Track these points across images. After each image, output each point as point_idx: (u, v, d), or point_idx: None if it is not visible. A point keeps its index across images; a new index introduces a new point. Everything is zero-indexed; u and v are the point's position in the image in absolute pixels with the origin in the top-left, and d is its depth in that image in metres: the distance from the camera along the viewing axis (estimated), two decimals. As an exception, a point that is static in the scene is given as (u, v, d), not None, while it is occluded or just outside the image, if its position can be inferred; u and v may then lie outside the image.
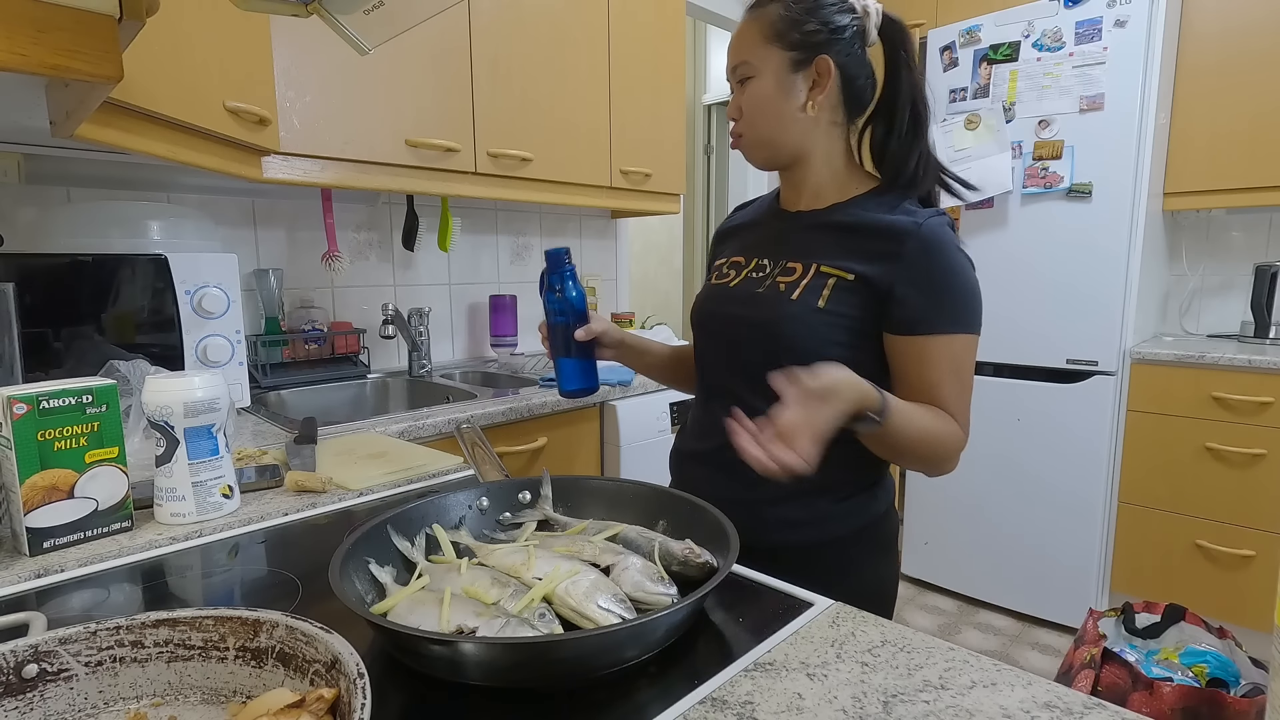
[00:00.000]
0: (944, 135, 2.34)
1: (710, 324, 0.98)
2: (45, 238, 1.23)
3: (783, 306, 0.87)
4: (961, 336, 0.84)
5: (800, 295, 0.87)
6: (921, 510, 2.55)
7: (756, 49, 0.89)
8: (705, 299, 1.00)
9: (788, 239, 0.94)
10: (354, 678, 0.39)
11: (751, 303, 0.91)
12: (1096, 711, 0.46)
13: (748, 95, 0.91)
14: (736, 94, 0.92)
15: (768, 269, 0.93)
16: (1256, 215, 2.39)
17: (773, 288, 0.90)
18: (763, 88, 0.90)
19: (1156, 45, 2.00)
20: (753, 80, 0.90)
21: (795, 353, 0.85)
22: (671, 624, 0.53)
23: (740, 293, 0.94)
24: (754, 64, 0.89)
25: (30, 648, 0.43)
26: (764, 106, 0.90)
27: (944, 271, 0.84)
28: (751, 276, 0.95)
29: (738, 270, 0.97)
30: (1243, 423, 1.98)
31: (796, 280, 0.88)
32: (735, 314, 0.93)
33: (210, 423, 0.80)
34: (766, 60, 0.89)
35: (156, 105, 0.94)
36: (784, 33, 0.88)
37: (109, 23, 0.59)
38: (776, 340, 0.87)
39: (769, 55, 0.89)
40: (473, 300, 2.24)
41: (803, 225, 0.94)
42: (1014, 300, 2.27)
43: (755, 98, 0.90)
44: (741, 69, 0.90)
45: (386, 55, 1.56)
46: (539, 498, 0.76)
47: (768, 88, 0.89)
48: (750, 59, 0.90)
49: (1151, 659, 1.56)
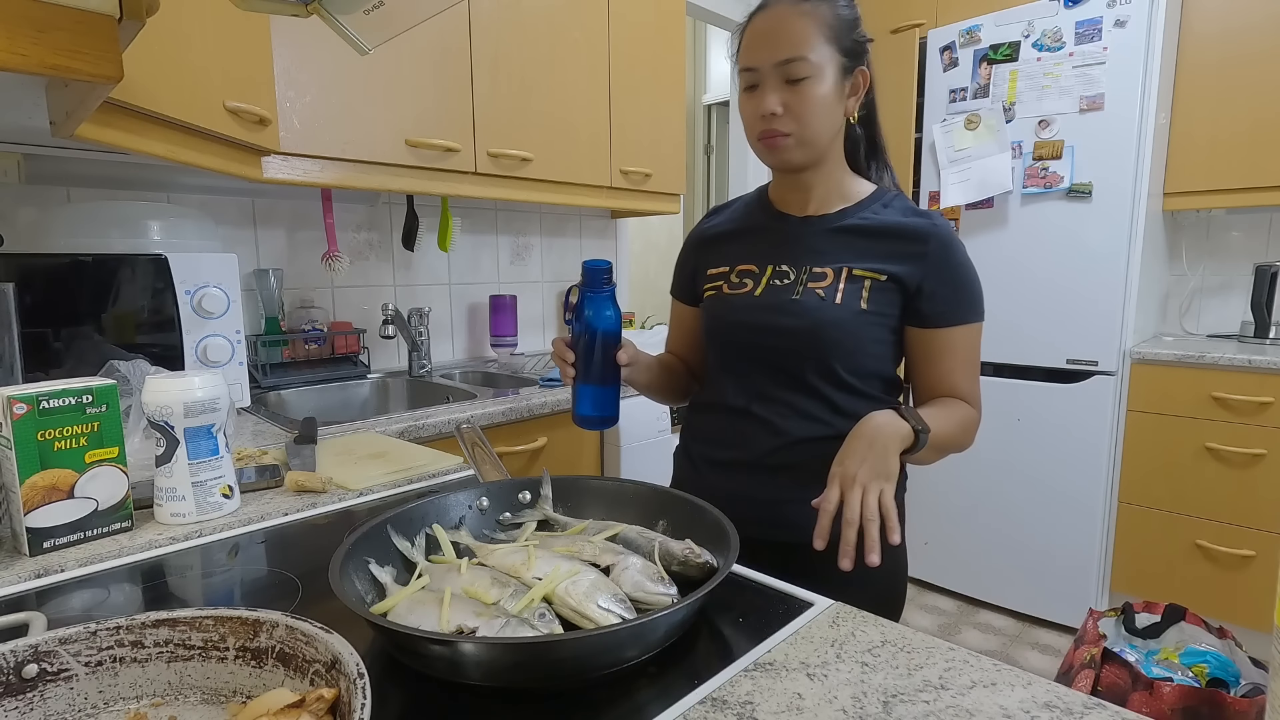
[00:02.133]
0: (944, 135, 2.34)
1: (741, 335, 0.95)
2: (45, 238, 1.23)
3: (827, 311, 0.89)
4: (976, 325, 0.92)
5: (842, 299, 0.89)
6: (921, 510, 2.54)
7: (816, 47, 0.85)
8: (728, 310, 0.97)
9: (806, 244, 0.94)
10: (354, 678, 0.39)
11: (790, 310, 0.90)
12: (1096, 711, 0.46)
13: (802, 94, 0.86)
14: (779, 89, 0.87)
15: (792, 275, 0.92)
16: (1256, 215, 2.38)
17: (810, 294, 0.90)
18: (821, 89, 0.86)
19: (1156, 45, 2.00)
20: (809, 80, 0.86)
21: (842, 355, 0.90)
22: (671, 624, 0.53)
23: (771, 301, 0.92)
24: (813, 62, 0.85)
25: (30, 648, 0.43)
26: (819, 108, 0.87)
27: (961, 267, 0.91)
28: (776, 284, 0.93)
29: (754, 279, 0.95)
30: (1243, 423, 1.98)
31: (832, 285, 0.90)
32: (772, 323, 0.91)
33: (210, 423, 0.80)
34: (826, 61, 0.86)
35: (157, 105, 0.94)
36: (840, 36, 0.87)
37: (109, 23, 0.59)
38: (823, 345, 0.89)
39: (829, 56, 0.86)
40: (473, 300, 2.24)
41: (820, 230, 0.94)
42: (1014, 300, 2.27)
43: (813, 98, 0.86)
44: (797, 66, 0.85)
45: (386, 55, 1.56)
46: (539, 498, 0.76)
47: (827, 90, 0.87)
48: (809, 56, 0.85)
49: (1151, 659, 1.56)
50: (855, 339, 0.89)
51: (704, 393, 1.06)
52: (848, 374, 0.90)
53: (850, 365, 0.90)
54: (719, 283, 0.99)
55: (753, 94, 0.89)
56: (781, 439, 0.92)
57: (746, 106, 0.90)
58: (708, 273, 1.02)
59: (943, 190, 2.35)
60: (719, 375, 1.00)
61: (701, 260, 1.04)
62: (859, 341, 0.90)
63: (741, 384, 0.96)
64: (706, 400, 1.04)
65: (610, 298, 0.89)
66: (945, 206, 2.35)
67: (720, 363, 1.00)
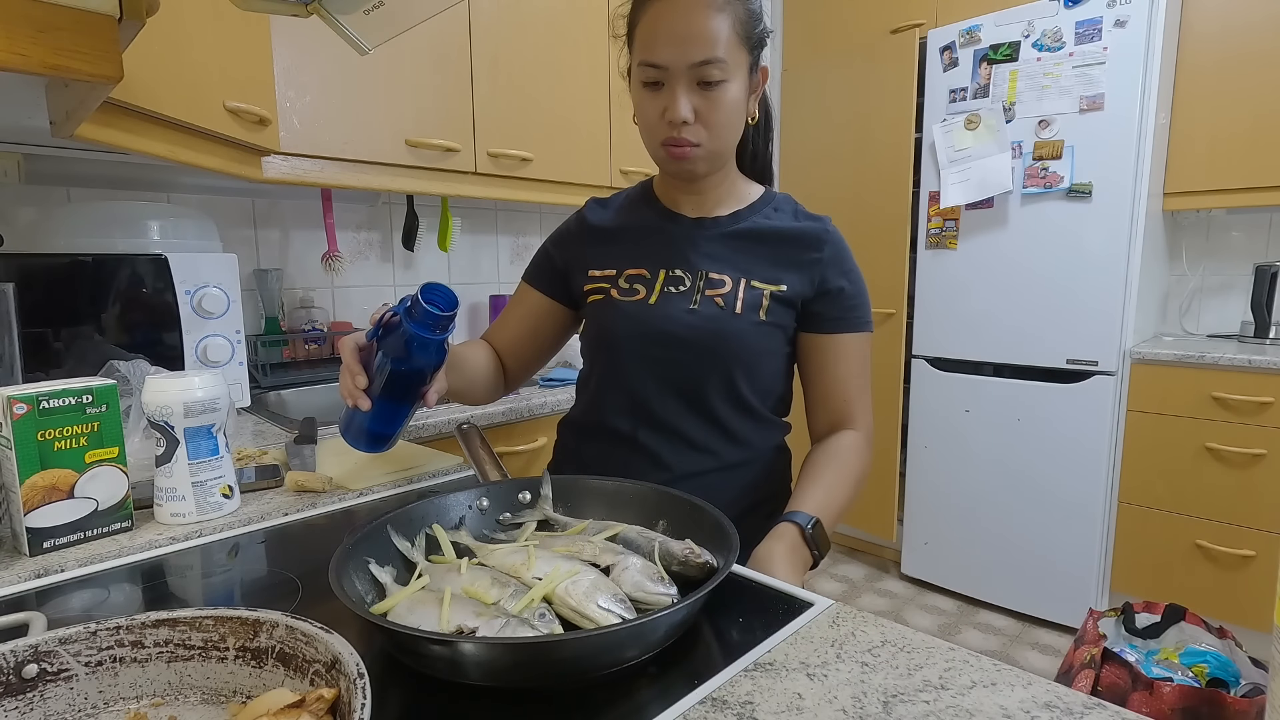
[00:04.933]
0: (944, 135, 2.34)
1: (634, 346, 0.88)
2: (45, 238, 1.23)
3: (727, 322, 0.85)
4: (867, 334, 0.90)
5: (742, 310, 0.86)
6: (921, 510, 2.55)
7: (731, 48, 0.78)
8: (619, 319, 0.88)
9: (701, 249, 0.89)
10: (354, 678, 0.39)
11: (688, 321, 0.86)
12: (1096, 711, 0.46)
13: (715, 101, 0.79)
14: (689, 92, 0.79)
15: (688, 282, 0.87)
16: (1256, 215, 2.38)
17: (708, 302, 0.86)
18: (734, 94, 0.80)
19: (1156, 45, 2.00)
20: (725, 85, 0.79)
21: (741, 367, 0.87)
22: (671, 624, 0.53)
23: (668, 311, 0.87)
24: (728, 65, 0.78)
25: (30, 648, 0.43)
26: (731, 117, 0.81)
27: (854, 273, 0.89)
28: (670, 291, 0.88)
29: (646, 285, 0.89)
30: (1243, 423, 1.98)
31: (731, 294, 0.86)
32: (669, 333, 0.86)
33: (210, 423, 0.80)
34: (739, 63, 0.80)
35: (157, 105, 0.94)
36: (749, 32, 0.80)
37: (109, 23, 0.59)
38: (723, 357, 0.86)
39: (741, 58, 0.80)
40: (473, 300, 2.24)
41: (713, 235, 0.90)
42: (1014, 300, 2.27)
43: (725, 105, 0.80)
44: (713, 69, 0.77)
45: (386, 55, 1.56)
46: (539, 498, 0.76)
47: (738, 94, 0.81)
48: (726, 59, 0.78)
49: (1151, 659, 1.56)
50: (756, 351, 0.86)
51: (582, 410, 0.98)
52: (748, 391, 0.87)
53: (751, 380, 0.87)
54: (605, 286, 0.91)
55: (657, 93, 0.80)
56: (665, 474, 0.86)
57: (649, 106, 0.82)
58: (590, 273, 0.93)
59: (943, 190, 2.35)
60: (601, 391, 0.92)
61: (581, 256, 0.94)
62: (759, 354, 0.87)
63: (628, 403, 0.89)
64: (586, 420, 0.95)
65: (445, 341, 0.75)
66: (945, 206, 2.35)
67: (606, 377, 0.92)
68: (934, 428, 2.48)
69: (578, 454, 0.97)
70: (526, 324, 1.00)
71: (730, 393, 0.87)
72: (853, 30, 2.77)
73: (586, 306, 0.93)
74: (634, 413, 0.89)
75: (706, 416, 0.88)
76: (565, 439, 1.01)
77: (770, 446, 0.94)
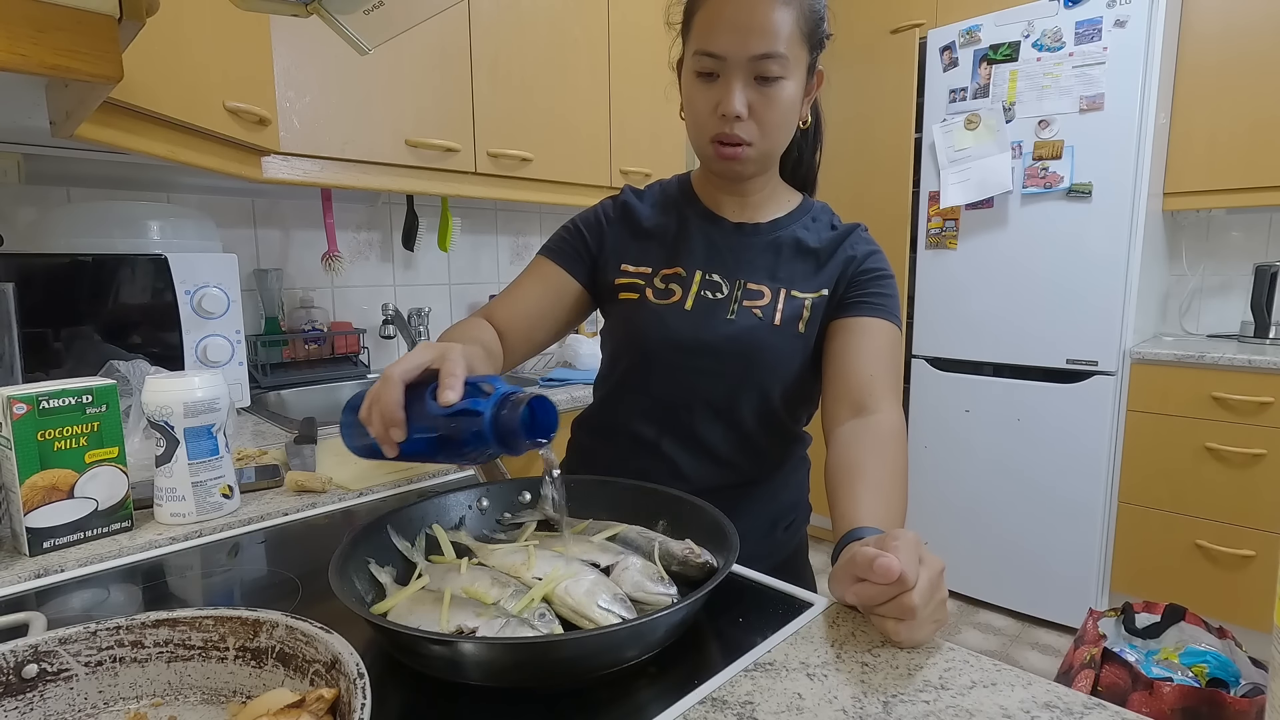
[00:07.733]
0: (944, 135, 2.34)
1: (667, 354, 0.84)
2: (45, 238, 1.23)
3: (766, 336, 0.82)
4: (898, 329, 0.85)
5: (781, 323, 0.83)
6: (921, 511, 2.54)
7: (793, 45, 0.73)
8: (655, 323, 0.84)
9: (739, 257, 0.86)
10: (354, 678, 0.39)
11: (725, 332, 0.83)
12: (1096, 711, 0.46)
13: (771, 98, 0.75)
14: (747, 87, 0.75)
15: (725, 290, 0.84)
16: (1256, 215, 2.38)
17: (745, 314, 0.83)
18: (792, 93, 0.76)
19: (1156, 45, 2.00)
20: (783, 82, 0.74)
21: (778, 381, 0.84)
22: (671, 624, 0.53)
23: (704, 319, 0.83)
24: (788, 62, 0.73)
25: (30, 648, 0.43)
26: (786, 116, 0.77)
27: (886, 270, 0.87)
28: (706, 296, 0.84)
29: (682, 285, 0.85)
30: (1243, 423, 1.98)
31: (770, 306, 0.83)
32: (705, 342, 0.83)
33: (210, 423, 0.80)
34: (799, 61, 0.75)
35: (157, 105, 0.94)
36: (812, 30, 0.76)
37: (109, 23, 0.59)
38: (760, 371, 0.83)
39: (801, 56, 0.75)
40: (473, 300, 2.24)
41: (755, 242, 0.86)
42: (1014, 300, 2.27)
43: (784, 104, 0.76)
44: (774, 64, 0.73)
45: (386, 55, 1.56)
46: (539, 498, 0.75)
47: (795, 94, 0.76)
48: (787, 54, 0.73)
49: (1151, 659, 1.56)
50: (790, 363, 0.83)
51: (600, 409, 0.94)
52: (782, 406, 0.85)
53: (786, 395, 0.84)
54: (640, 284, 0.87)
55: (710, 85, 0.76)
56: (683, 486, 0.76)
57: (701, 98, 0.77)
58: (623, 267, 0.88)
59: (943, 190, 2.35)
60: (623, 393, 0.89)
61: (616, 245, 0.89)
62: (792, 365, 0.84)
63: (654, 409, 0.86)
64: (602, 420, 0.92)
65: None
66: (945, 206, 2.35)
67: (631, 379, 0.88)
68: (934, 428, 2.48)
69: (594, 455, 0.93)
70: (544, 302, 0.89)
71: (763, 406, 0.84)
72: (853, 30, 2.77)
73: (616, 303, 0.88)
74: (659, 420, 0.86)
75: (735, 430, 0.85)
76: (580, 439, 0.97)
77: (793, 458, 0.92)
